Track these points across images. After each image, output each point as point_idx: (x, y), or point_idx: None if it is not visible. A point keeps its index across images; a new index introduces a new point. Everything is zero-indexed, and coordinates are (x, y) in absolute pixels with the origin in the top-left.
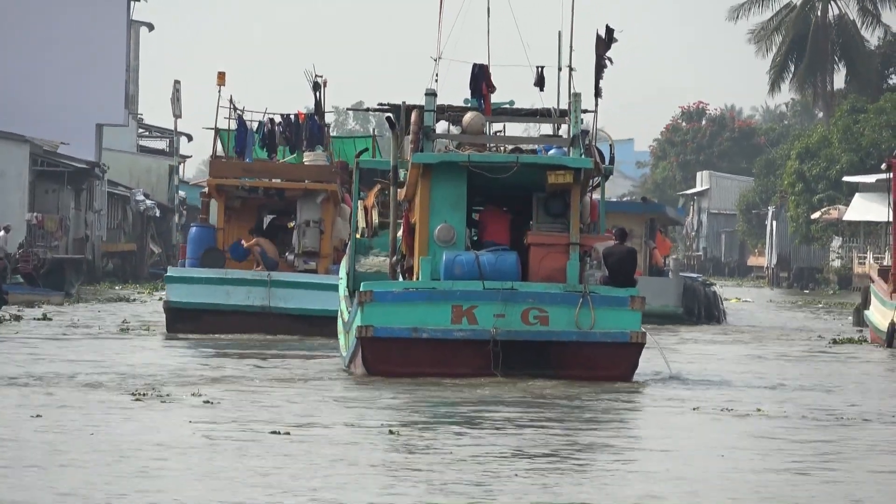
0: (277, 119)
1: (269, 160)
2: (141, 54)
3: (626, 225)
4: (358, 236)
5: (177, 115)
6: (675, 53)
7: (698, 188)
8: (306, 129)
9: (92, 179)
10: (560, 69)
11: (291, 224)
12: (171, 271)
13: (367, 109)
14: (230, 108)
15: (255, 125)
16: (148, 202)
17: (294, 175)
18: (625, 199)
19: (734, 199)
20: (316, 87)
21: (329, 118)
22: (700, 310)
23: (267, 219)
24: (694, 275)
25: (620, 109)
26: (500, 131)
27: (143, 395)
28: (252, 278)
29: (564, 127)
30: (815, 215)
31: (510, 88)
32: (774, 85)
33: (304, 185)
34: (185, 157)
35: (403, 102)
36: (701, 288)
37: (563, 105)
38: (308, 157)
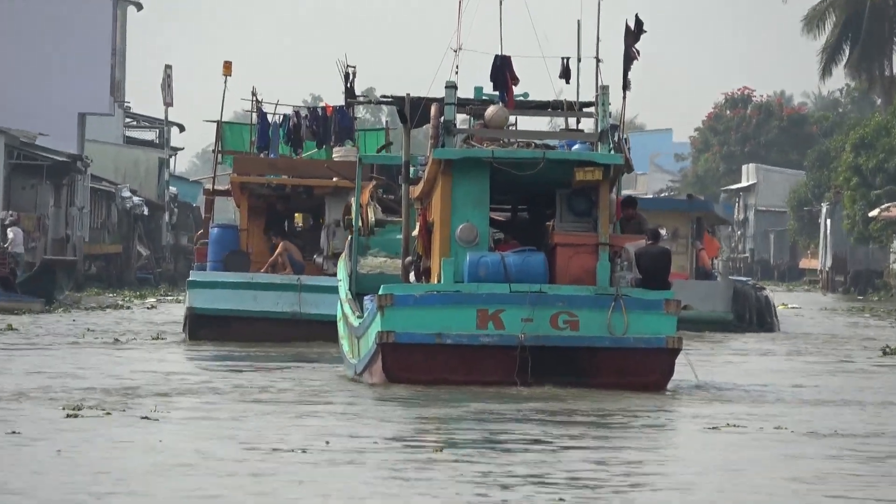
0: (303, 112)
1: (295, 156)
2: (128, 36)
3: (671, 224)
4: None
5: (168, 104)
6: (717, 35)
7: (744, 183)
8: (335, 123)
9: (73, 174)
10: (580, 60)
11: (298, 216)
12: (194, 275)
13: (370, 101)
14: (252, 101)
15: (277, 118)
16: (135, 199)
17: (323, 172)
18: (663, 195)
19: (784, 194)
20: (347, 77)
21: (359, 111)
22: (752, 316)
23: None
24: (743, 278)
25: (658, 97)
26: (513, 125)
27: (152, 410)
28: (281, 283)
29: (586, 121)
30: (874, 213)
31: (525, 80)
32: (826, 69)
33: (333, 182)
34: (176, 150)
35: (407, 94)
36: (752, 292)
37: (583, 98)
38: (338, 153)
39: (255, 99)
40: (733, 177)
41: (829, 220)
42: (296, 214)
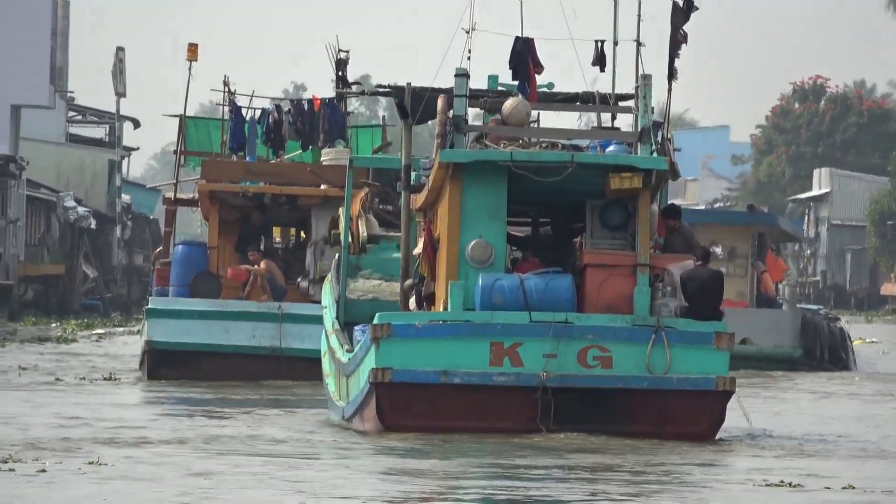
0: (286, 106)
1: (276, 158)
2: (72, 13)
3: (728, 241)
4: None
5: (120, 94)
6: (784, 13)
7: (815, 191)
8: (323, 119)
9: (6, 179)
10: (616, 43)
11: (276, 230)
12: (154, 302)
13: (364, 93)
14: (224, 92)
15: (254, 113)
16: (80, 210)
17: (310, 178)
18: (717, 205)
19: (863, 205)
20: (339, 64)
21: (353, 104)
22: (823, 352)
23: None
24: (814, 306)
25: (712, 88)
26: (535, 122)
27: (102, 464)
28: (259, 311)
29: (623, 117)
30: None
31: (550, 68)
32: None
33: (322, 191)
34: (130, 150)
35: (408, 84)
36: (824, 323)
37: (620, 89)
38: (327, 155)
39: (227, 90)
40: (802, 184)
41: None
42: (274, 228)
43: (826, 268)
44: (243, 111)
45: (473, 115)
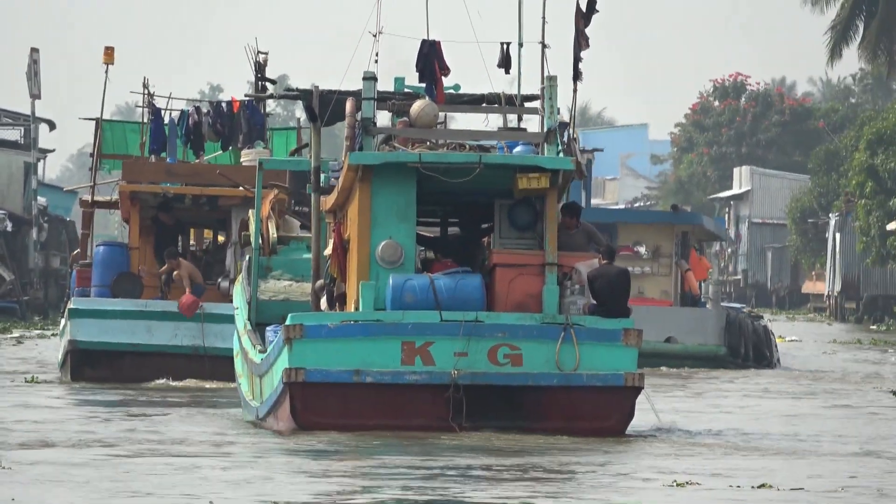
0: (205, 108)
1: (197, 160)
2: None
3: (652, 240)
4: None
5: (35, 95)
6: (703, 8)
7: (736, 190)
8: (243, 120)
9: None
10: (522, 45)
11: (191, 232)
12: (76, 303)
13: (272, 96)
14: (144, 94)
15: (172, 115)
16: None
17: (230, 179)
18: (637, 204)
19: (784, 203)
20: (258, 66)
21: (270, 105)
22: (748, 350)
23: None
24: (737, 305)
25: (630, 85)
26: (443, 123)
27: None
28: (180, 311)
29: (530, 118)
30: (892, 226)
31: (456, 70)
32: (835, 51)
33: (241, 191)
34: (46, 152)
35: (315, 87)
36: (748, 322)
37: (526, 90)
38: (247, 156)
39: (146, 92)
40: (724, 183)
41: (838, 235)
42: (191, 230)
43: (747, 266)
44: (162, 113)
45: (383, 118)
